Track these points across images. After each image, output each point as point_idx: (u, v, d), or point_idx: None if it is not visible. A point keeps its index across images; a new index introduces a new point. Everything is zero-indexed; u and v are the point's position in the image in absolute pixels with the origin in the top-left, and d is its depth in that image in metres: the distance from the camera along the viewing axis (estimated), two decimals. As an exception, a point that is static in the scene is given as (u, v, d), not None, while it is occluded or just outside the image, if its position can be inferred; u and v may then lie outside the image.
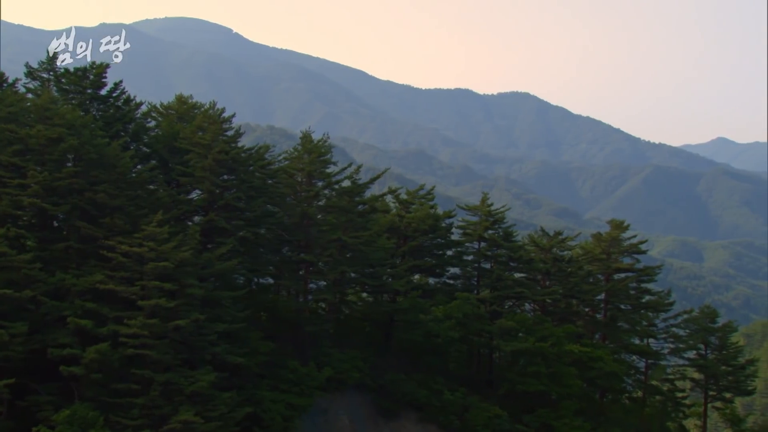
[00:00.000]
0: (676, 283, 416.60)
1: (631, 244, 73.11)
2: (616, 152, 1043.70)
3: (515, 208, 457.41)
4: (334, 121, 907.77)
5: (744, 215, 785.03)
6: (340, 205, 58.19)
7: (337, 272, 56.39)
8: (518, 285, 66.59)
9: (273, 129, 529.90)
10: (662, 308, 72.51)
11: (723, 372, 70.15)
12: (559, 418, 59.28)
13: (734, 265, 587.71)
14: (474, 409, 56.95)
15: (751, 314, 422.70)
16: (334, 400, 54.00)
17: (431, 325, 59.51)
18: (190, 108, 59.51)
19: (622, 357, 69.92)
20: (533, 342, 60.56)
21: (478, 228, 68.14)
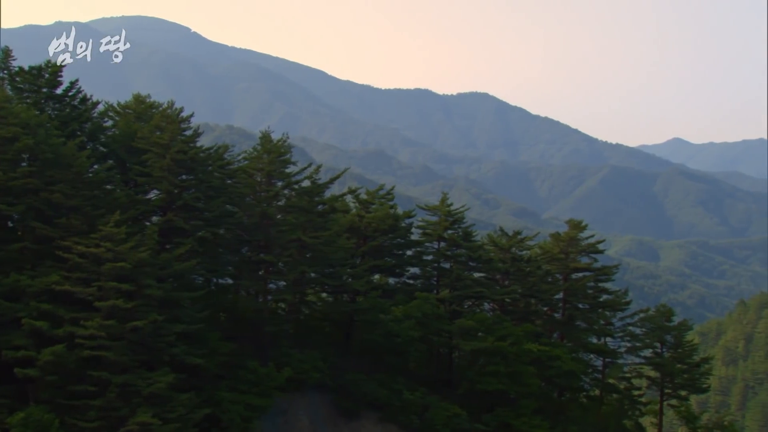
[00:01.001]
0: (633, 282, 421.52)
1: (589, 244, 73.70)
2: (574, 152, 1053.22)
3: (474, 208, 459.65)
4: (293, 120, 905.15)
5: (699, 215, 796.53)
6: (300, 205, 58.02)
7: (296, 272, 56.22)
8: (477, 284, 66.88)
9: (232, 129, 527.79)
10: (619, 307, 73.17)
11: (678, 370, 70.92)
12: (518, 416, 59.62)
13: (689, 265, 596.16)
14: (434, 409, 57.10)
15: (706, 313, 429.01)
16: (293, 401, 53.83)
17: (391, 325, 59.57)
18: (148, 107, 58.96)
19: (580, 356, 70.42)
20: (492, 341, 60.86)
21: (437, 228, 68.33)
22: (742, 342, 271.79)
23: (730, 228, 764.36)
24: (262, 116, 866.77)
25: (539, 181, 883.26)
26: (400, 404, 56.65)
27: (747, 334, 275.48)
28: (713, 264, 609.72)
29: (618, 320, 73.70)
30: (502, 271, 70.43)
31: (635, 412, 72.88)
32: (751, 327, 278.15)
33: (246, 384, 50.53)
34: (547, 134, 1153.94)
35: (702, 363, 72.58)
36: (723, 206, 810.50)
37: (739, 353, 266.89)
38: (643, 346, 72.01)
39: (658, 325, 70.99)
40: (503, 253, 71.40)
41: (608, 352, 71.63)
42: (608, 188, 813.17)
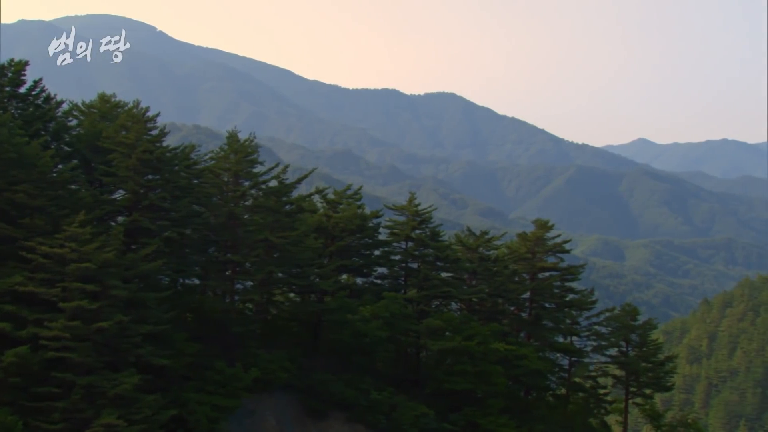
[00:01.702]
0: (599, 281, 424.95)
1: (556, 244, 74.16)
2: (540, 152, 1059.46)
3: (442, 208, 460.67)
4: (260, 120, 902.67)
5: (663, 214, 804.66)
6: (267, 205, 57.84)
7: (264, 272, 56.04)
8: (445, 284, 67.06)
9: (199, 128, 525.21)
10: (585, 306, 73.70)
11: (643, 369, 71.54)
12: (485, 415, 59.86)
13: (654, 264, 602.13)
14: (401, 408, 57.17)
15: (671, 312, 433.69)
16: (261, 401, 53.65)
17: (359, 324, 59.55)
18: (113, 107, 58.45)
19: (546, 355, 70.87)
20: (460, 341, 61.06)
21: (405, 228, 68.43)
22: (705, 340, 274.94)
23: (694, 228, 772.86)
24: (228, 116, 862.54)
25: (506, 181, 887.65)
26: (368, 404, 56.67)
27: (710, 332, 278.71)
28: (677, 263, 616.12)
29: (584, 319, 74.25)
30: (470, 270, 70.66)
31: (601, 411, 73.46)
32: (714, 326, 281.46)
33: (213, 385, 50.27)
34: (514, 134, 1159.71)
35: (666, 361, 73.27)
36: (687, 206, 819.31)
37: (703, 352, 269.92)
38: (608, 345, 72.56)
39: (624, 324, 71.56)
40: (471, 253, 71.63)
41: (574, 351, 72.14)
42: (574, 188, 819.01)
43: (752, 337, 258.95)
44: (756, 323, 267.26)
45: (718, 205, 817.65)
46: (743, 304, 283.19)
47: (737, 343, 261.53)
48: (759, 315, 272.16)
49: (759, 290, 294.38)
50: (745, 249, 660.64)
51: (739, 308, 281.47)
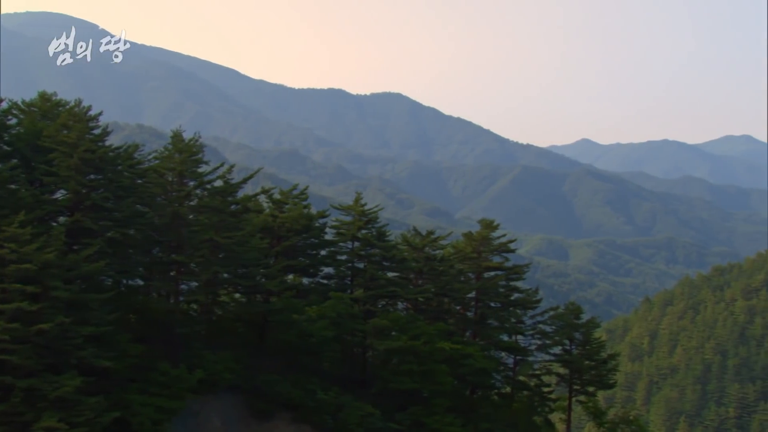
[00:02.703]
0: (544, 280, 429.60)
1: (501, 243, 74.64)
2: (486, 152, 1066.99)
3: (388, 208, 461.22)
4: (205, 120, 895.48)
5: (606, 214, 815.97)
6: (213, 205, 57.39)
7: (209, 273, 55.61)
8: (391, 284, 67.15)
9: (142, 128, 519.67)
10: (530, 305, 74.29)
11: (586, 367, 72.37)
12: (430, 415, 60.09)
13: (597, 263, 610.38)
14: (347, 408, 57.15)
15: (613, 310, 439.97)
16: (206, 403, 53.24)
17: (305, 325, 59.39)
18: (54, 106, 57.45)
19: (491, 354, 71.30)
20: (406, 340, 61.21)
21: (351, 228, 68.39)
22: (647, 338, 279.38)
23: (635, 227, 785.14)
24: (173, 115, 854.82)
25: (452, 181, 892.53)
26: (314, 404, 56.56)
27: (651, 330, 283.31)
28: (620, 262, 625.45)
29: (529, 318, 74.81)
30: (416, 270, 70.86)
31: (545, 409, 74.14)
32: (655, 324, 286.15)
33: (157, 386, 49.75)
34: (460, 134, 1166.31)
35: (609, 359, 74.19)
36: (629, 206, 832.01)
37: (644, 349, 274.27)
38: (552, 344, 73.26)
39: (568, 323, 72.33)
40: (417, 253, 71.82)
41: (519, 349, 72.72)
42: (519, 188, 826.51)
43: (692, 335, 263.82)
44: (695, 321, 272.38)
45: (659, 205, 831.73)
46: (683, 303, 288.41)
47: (677, 340, 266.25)
48: (698, 313, 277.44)
49: (698, 289, 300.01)
50: (685, 248, 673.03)
51: (679, 306, 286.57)
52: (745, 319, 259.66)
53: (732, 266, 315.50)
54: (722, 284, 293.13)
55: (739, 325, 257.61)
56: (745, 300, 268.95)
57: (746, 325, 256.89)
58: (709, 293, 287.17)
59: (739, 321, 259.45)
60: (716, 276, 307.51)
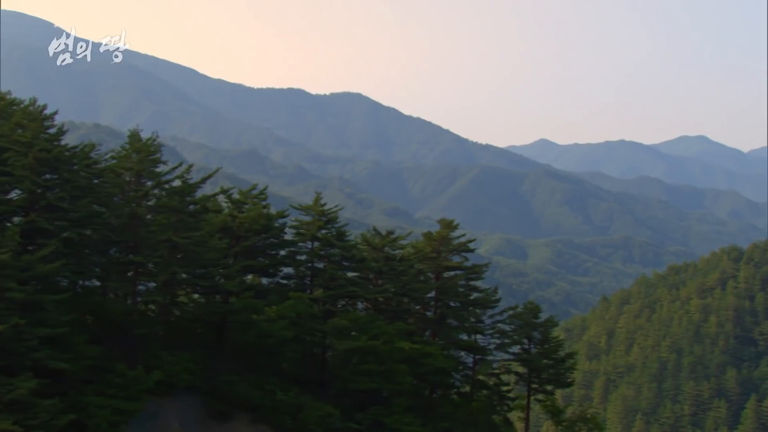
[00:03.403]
0: (503, 280, 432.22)
1: (460, 243, 74.86)
2: (445, 153, 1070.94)
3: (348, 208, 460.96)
4: (163, 119, 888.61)
5: (564, 214, 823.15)
6: (171, 205, 56.95)
7: (167, 273, 55.19)
8: (351, 284, 67.11)
9: (99, 127, 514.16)
10: (489, 305, 74.59)
11: (545, 365, 72.83)
12: (390, 414, 60.17)
13: (555, 262, 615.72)
14: (307, 409, 57.03)
15: (571, 309, 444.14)
16: (164, 404, 52.83)
17: (264, 325, 59.16)
18: (8, 104, 56.64)
19: (451, 353, 71.45)
20: (366, 340, 61.22)
21: (311, 228, 68.22)
22: (604, 337, 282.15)
23: (593, 226, 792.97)
24: (130, 114, 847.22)
25: (412, 181, 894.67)
26: (273, 405, 56.37)
27: (609, 329, 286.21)
28: (578, 261, 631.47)
29: (488, 318, 75.07)
30: (376, 270, 70.89)
31: (504, 408, 74.51)
32: (612, 322, 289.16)
33: (114, 388, 49.29)
34: (420, 134, 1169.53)
35: (567, 358, 74.75)
36: (587, 205, 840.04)
37: (602, 348, 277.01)
38: (511, 343, 73.61)
39: (526, 322, 72.75)
40: (376, 253, 71.87)
41: (478, 349, 73.00)
42: (479, 188, 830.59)
43: (648, 333, 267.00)
44: (652, 319, 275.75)
45: (616, 205, 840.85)
46: (640, 301, 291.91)
47: (634, 339, 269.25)
48: (654, 312, 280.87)
49: (654, 287, 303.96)
50: (642, 247, 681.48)
51: (636, 305, 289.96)
52: (700, 317, 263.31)
53: (687, 265, 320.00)
54: (678, 283, 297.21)
55: (694, 323, 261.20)
56: (699, 299, 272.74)
57: (701, 324, 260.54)
58: (665, 292, 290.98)
59: (694, 319, 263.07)
60: (672, 275, 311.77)
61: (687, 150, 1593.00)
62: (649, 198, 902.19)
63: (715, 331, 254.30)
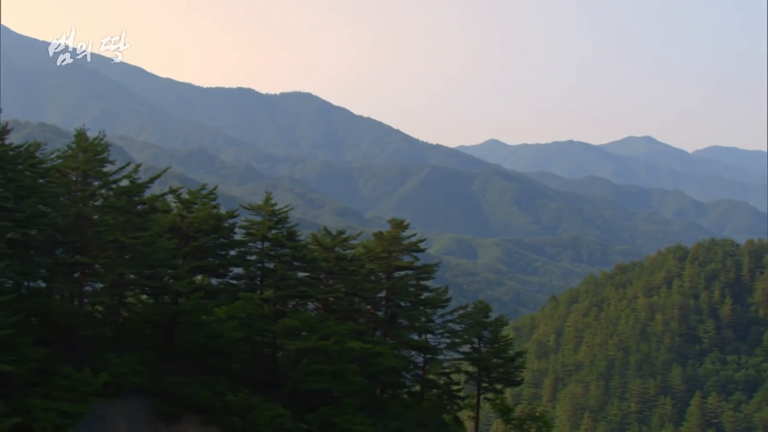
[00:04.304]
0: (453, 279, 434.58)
1: (411, 243, 75.04)
2: (396, 153, 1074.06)
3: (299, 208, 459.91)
4: (111, 118, 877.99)
5: (514, 213, 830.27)
6: (118, 205, 56.26)
7: (114, 274, 54.52)
8: (302, 284, 66.90)
9: (44, 126, 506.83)
10: (440, 304, 74.85)
11: (495, 364, 73.28)
12: (340, 414, 60.13)
13: (505, 262, 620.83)
14: (257, 409, 56.75)
15: (520, 308, 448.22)
16: (111, 406, 52.20)
17: (214, 326, 58.75)
18: (-49, 102, 55.55)
19: (401, 353, 71.63)
20: (316, 340, 61.09)
21: (261, 228, 67.88)
22: (553, 336, 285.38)
23: (542, 226, 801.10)
24: (76, 113, 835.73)
25: (363, 181, 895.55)
26: (223, 406, 56.00)
27: (557, 328, 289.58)
28: (527, 261, 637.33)
29: (438, 317, 75.31)
30: (326, 270, 70.77)
31: (454, 407, 74.87)
32: (561, 321, 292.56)
33: (60, 390, 48.57)
34: (370, 134, 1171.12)
35: (516, 357, 75.29)
36: (536, 205, 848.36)
37: (551, 347, 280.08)
38: (462, 342, 73.96)
39: (476, 321, 73.15)
40: (327, 253, 71.75)
41: (429, 348, 73.23)
42: (429, 188, 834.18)
43: (596, 332, 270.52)
44: (599, 318, 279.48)
45: (565, 204, 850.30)
46: (588, 300, 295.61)
47: (582, 337, 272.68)
48: (602, 310, 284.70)
49: (602, 286, 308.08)
50: (590, 246, 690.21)
51: (584, 304, 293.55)
52: (647, 316, 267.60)
53: (634, 264, 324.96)
54: (625, 282, 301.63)
55: (641, 322, 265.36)
56: (646, 297, 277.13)
57: (647, 322, 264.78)
58: (613, 291, 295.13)
59: (640, 318, 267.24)
60: (619, 274, 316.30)
61: (633, 150, 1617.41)
62: (597, 198, 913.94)
63: (661, 329, 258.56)
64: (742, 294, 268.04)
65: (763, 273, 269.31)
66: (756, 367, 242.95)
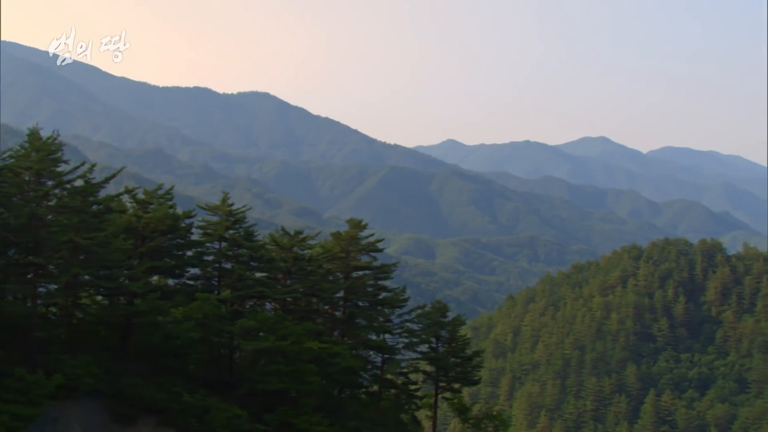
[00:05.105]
0: (411, 279, 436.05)
1: (369, 243, 75.08)
2: (354, 153, 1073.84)
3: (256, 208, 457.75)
4: (65, 117, 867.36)
5: (471, 213, 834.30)
6: (73, 205, 55.59)
7: (69, 275, 53.87)
8: (259, 284, 66.65)
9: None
10: (397, 304, 74.99)
11: (452, 364, 73.59)
12: (298, 415, 60.00)
13: (463, 262, 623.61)
14: (214, 411, 56.42)
15: (478, 308, 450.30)
16: (65, 409, 51.59)
17: (170, 327, 58.29)
18: None
19: (359, 353, 71.69)
20: (274, 340, 60.89)
21: (218, 228, 67.49)
22: (510, 335, 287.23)
23: (499, 226, 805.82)
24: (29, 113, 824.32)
25: (321, 181, 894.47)
26: (179, 407, 55.59)
27: (515, 327, 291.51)
28: (485, 261, 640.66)
29: (396, 317, 75.50)
30: (284, 270, 70.59)
31: (412, 406, 75.06)
32: (518, 320, 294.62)
33: (12, 393, 47.89)
34: (328, 134, 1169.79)
35: (474, 356, 75.64)
36: (493, 205, 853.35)
37: (508, 346, 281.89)
38: (419, 342, 74.19)
39: (434, 321, 73.41)
40: (285, 253, 71.55)
41: (387, 348, 73.38)
42: (387, 188, 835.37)
43: (552, 331, 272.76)
44: (556, 317, 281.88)
45: (522, 204, 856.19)
46: (544, 300, 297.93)
47: (539, 336, 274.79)
48: (559, 309, 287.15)
49: (559, 286, 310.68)
50: (546, 246, 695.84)
51: (541, 303, 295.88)
52: (602, 315, 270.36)
53: (590, 264, 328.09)
54: (581, 281, 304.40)
55: (597, 320, 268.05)
56: (601, 296, 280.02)
57: (603, 321, 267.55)
58: (569, 290, 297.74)
59: (596, 317, 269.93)
60: (575, 273, 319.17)
61: (589, 151, 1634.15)
62: (554, 198, 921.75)
63: (616, 328, 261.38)
64: (695, 293, 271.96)
65: (716, 272, 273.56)
66: (708, 365, 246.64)
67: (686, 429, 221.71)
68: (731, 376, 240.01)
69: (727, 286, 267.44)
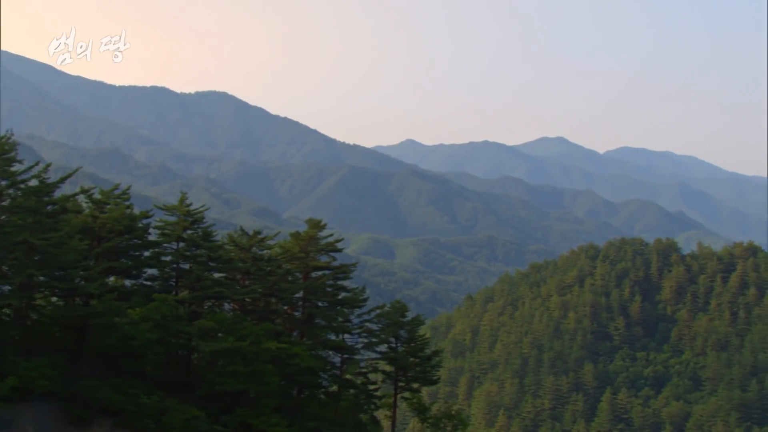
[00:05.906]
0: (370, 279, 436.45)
1: (328, 243, 74.99)
2: (313, 153, 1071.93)
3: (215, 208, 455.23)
4: (19, 117, 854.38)
5: (430, 213, 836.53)
6: (27, 205, 54.86)
7: (23, 276, 53.18)
8: (217, 285, 66.30)
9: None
10: (357, 304, 74.98)
11: (411, 363, 73.76)
12: (257, 415, 59.76)
13: (422, 261, 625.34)
14: (171, 412, 56.01)
15: (437, 307, 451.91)
16: (19, 411, 50.89)
17: (127, 328, 57.74)
18: None
19: (319, 353, 71.56)
20: (232, 341, 60.58)
21: (176, 228, 66.99)
22: (469, 334, 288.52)
23: (458, 226, 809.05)
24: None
25: (279, 181, 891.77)
26: (136, 409, 55.09)
27: (473, 326, 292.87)
28: (444, 261, 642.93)
29: (356, 317, 75.48)
30: (243, 270, 70.25)
31: (371, 406, 75.12)
32: (477, 320, 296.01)
33: (-34, 397, 47.16)
34: (287, 134, 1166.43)
35: (433, 356, 75.89)
36: (452, 205, 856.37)
37: (467, 345, 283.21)
38: (379, 342, 74.27)
39: (393, 321, 73.53)
40: (244, 253, 71.21)
41: (346, 348, 73.34)
42: (346, 188, 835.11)
43: (511, 330, 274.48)
44: (514, 317, 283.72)
45: (481, 204, 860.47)
46: (503, 299, 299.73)
47: (498, 336, 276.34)
48: (517, 309, 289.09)
49: (517, 285, 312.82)
50: (505, 246, 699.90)
51: (499, 303, 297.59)
52: (560, 314, 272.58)
53: (547, 263, 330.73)
54: (539, 281, 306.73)
55: (554, 320, 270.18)
56: (559, 296, 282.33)
57: (560, 320, 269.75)
58: (527, 290, 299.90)
59: (554, 316, 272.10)
60: (533, 273, 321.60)
61: (547, 151, 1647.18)
62: (512, 198, 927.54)
63: (574, 327, 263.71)
64: (651, 292, 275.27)
65: (671, 271, 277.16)
66: (664, 363, 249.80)
67: (642, 427, 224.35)
68: (686, 374, 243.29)
69: (682, 285, 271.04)
